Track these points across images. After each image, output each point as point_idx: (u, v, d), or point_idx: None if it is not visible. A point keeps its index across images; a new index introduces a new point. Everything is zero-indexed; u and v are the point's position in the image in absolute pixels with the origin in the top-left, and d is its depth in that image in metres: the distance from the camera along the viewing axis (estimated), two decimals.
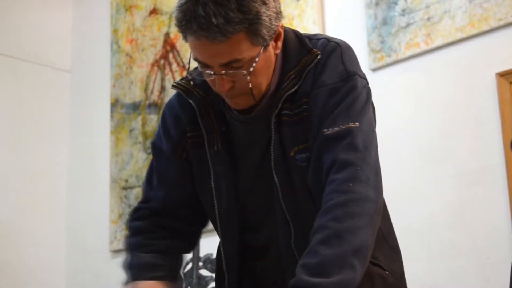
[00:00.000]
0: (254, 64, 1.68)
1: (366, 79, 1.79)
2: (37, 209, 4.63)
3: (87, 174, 4.73)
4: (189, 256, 3.48)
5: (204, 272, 3.48)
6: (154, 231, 1.91)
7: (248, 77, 1.69)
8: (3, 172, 4.56)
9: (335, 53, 1.77)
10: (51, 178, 4.75)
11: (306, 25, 3.65)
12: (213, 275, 3.19)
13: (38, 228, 4.61)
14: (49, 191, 4.73)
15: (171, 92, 1.84)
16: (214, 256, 2.01)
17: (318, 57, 1.76)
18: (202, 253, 3.44)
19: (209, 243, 2.44)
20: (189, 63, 1.76)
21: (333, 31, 3.52)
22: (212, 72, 1.68)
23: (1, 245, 4.46)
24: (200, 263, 3.47)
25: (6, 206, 4.52)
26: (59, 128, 4.85)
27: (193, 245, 2.00)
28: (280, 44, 1.76)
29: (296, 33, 1.83)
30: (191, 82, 1.83)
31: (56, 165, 4.79)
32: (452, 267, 3.02)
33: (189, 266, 3.50)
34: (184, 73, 1.93)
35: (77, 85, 4.95)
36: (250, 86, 1.70)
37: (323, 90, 1.73)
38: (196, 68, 1.76)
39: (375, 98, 1.82)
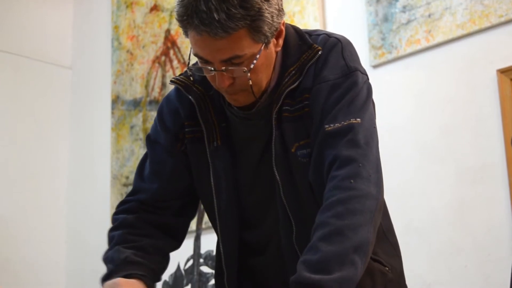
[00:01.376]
0: (254, 61, 1.68)
1: (366, 75, 1.79)
2: (37, 206, 4.63)
3: (88, 171, 4.73)
4: (190, 252, 3.48)
5: (205, 269, 3.49)
6: (139, 227, 1.87)
7: (249, 74, 1.68)
8: (3, 169, 4.56)
9: (335, 48, 1.77)
10: (51, 175, 4.75)
11: (307, 22, 3.65)
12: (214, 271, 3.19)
13: (38, 226, 4.61)
14: (50, 188, 4.73)
15: (171, 89, 1.84)
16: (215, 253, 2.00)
17: (319, 52, 1.76)
18: (203, 250, 3.45)
19: (210, 240, 2.44)
20: (189, 58, 1.76)
21: (334, 28, 3.52)
22: (212, 68, 1.68)
23: (1, 242, 4.46)
24: (201, 260, 3.47)
25: (6, 203, 4.51)
26: (59, 125, 4.85)
27: (180, 240, 1.96)
28: (281, 41, 1.76)
29: (296, 29, 1.82)
30: (191, 78, 1.82)
31: (56, 161, 4.79)
32: (452, 264, 3.01)
33: (190, 262, 3.50)
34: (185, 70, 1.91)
35: (78, 82, 4.95)
36: (250, 83, 1.70)
37: (324, 86, 1.73)
38: (195, 64, 1.76)
39: (375, 95, 1.82)
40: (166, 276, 3.77)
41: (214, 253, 1.98)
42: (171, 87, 1.93)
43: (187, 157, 1.88)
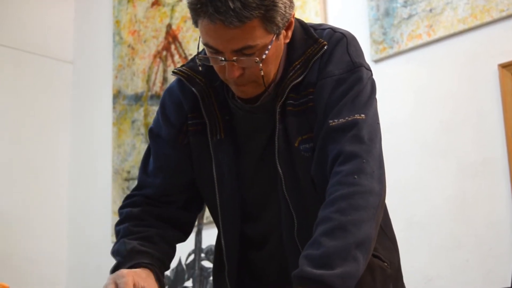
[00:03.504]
0: (266, 52, 1.67)
1: (371, 71, 1.79)
2: (39, 201, 4.63)
3: (89, 166, 4.73)
4: (191, 247, 3.48)
5: (206, 264, 3.49)
6: (144, 219, 1.87)
7: (261, 65, 1.68)
8: (5, 164, 4.55)
9: (341, 43, 1.77)
10: (52, 169, 4.75)
11: (308, 17, 3.65)
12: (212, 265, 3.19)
13: (40, 221, 4.61)
14: (51, 183, 4.72)
15: (172, 81, 1.85)
16: None
17: (325, 47, 1.76)
18: (204, 245, 3.45)
19: (211, 235, 2.44)
20: (198, 48, 1.75)
21: (335, 23, 3.51)
22: (222, 58, 1.67)
23: (3, 237, 4.46)
24: (202, 255, 3.48)
25: (7, 198, 4.51)
26: (61, 120, 4.85)
27: (187, 233, 1.96)
28: (290, 33, 1.76)
29: (301, 23, 1.82)
30: (200, 68, 1.80)
31: (58, 156, 4.79)
32: (454, 259, 3.02)
33: (191, 257, 3.51)
34: None
35: (79, 77, 4.94)
36: (262, 73, 1.70)
37: (329, 81, 1.73)
38: (201, 53, 1.75)
39: (377, 90, 1.82)
40: (167, 271, 3.78)
41: None
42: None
43: (190, 150, 1.88)
